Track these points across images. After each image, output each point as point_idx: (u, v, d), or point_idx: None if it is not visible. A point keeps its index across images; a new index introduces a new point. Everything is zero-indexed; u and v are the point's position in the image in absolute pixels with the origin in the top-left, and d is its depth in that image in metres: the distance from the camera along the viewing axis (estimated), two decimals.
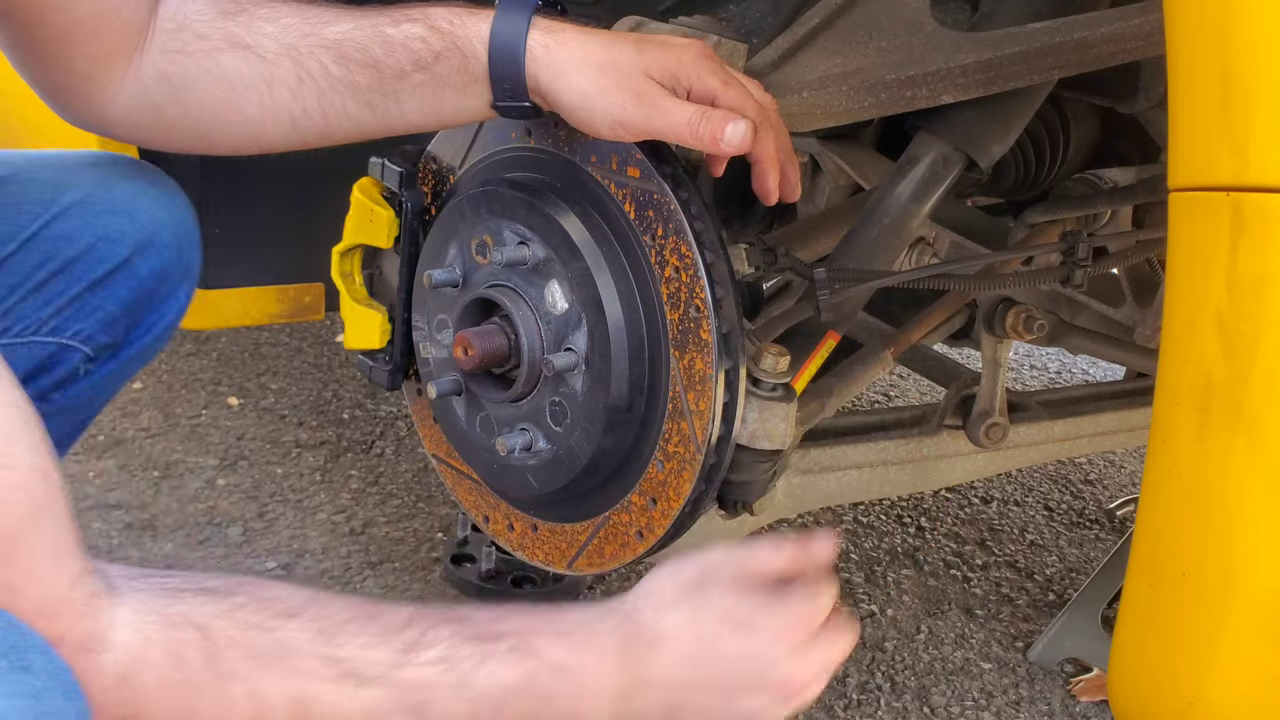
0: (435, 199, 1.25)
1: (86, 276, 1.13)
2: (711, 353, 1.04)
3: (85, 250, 1.12)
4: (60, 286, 1.12)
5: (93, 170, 1.16)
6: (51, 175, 1.15)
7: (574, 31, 0.97)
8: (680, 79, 0.96)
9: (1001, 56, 1.19)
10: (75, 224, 1.12)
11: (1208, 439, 0.86)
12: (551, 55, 0.96)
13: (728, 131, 0.94)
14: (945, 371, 1.67)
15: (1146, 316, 1.54)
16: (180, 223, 1.19)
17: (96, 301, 1.14)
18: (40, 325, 1.12)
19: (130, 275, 1.14)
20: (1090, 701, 1.73)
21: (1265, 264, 0.81)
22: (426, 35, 0.99)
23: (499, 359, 1.12)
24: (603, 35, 0.98)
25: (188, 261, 1.20)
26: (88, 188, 1.13)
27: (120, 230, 1.13)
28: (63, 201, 1.12)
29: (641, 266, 1.07)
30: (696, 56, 0.96)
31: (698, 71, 0.95)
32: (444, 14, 0.99)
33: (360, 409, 2.51)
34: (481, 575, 1.84)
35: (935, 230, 1.49)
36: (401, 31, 0.99)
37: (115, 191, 1.15)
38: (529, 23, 0.97)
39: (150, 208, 1.16)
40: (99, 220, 1.12)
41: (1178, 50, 0.84)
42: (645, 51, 0.95)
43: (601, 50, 0.95)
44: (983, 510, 2.31)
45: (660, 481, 1.10)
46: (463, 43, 0.98)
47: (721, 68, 0.99)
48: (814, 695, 0.91)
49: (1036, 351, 3.22)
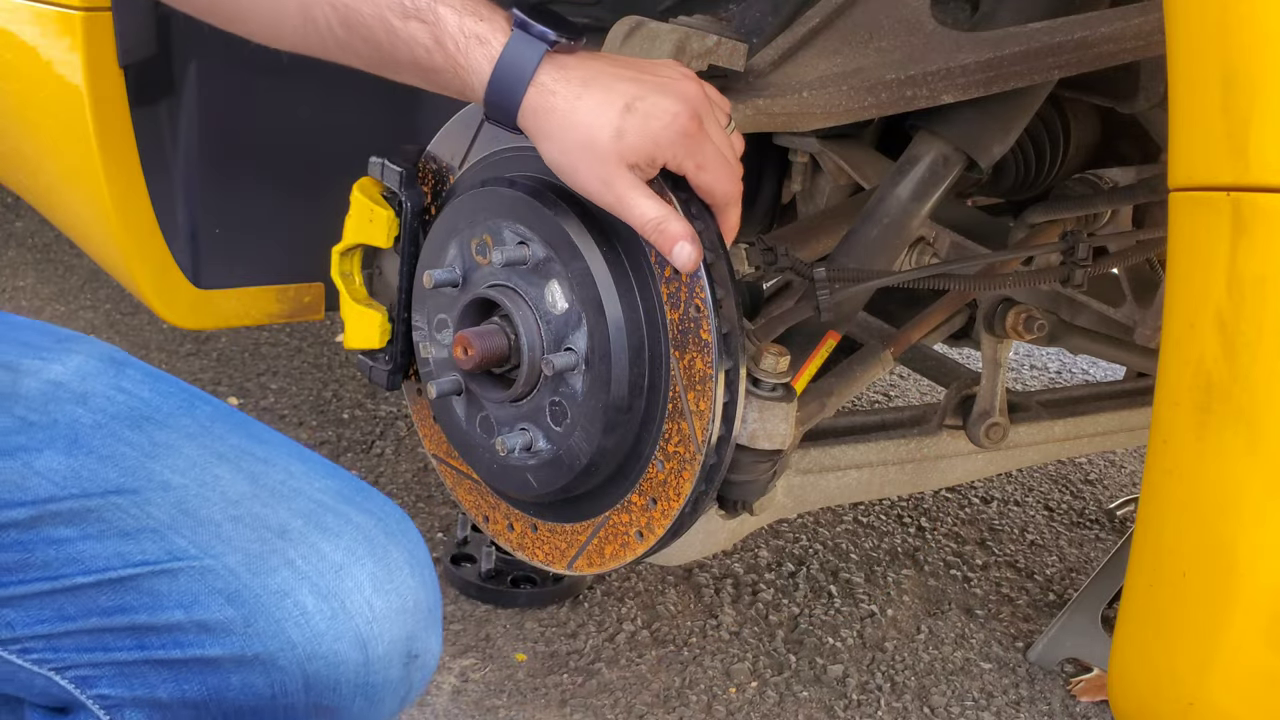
0: (435, 198, 1.25)
1: (150, 648, 0.86)
2: (711, 353, 1.04)
3: (168, 625, 0.85)
4: (112, 641, 0.86)
5: (264, 539, 0.86)
6: (216, 522, 0.87)
7: (566, 96, 0.96)
8: (656, 160, 0.97)
9: (1001, 56, 1.19)
10: (175, 590, 0.85)
11: (1208, 439, 0.86)
12: (539, 121, 0.97)
13: (674, 252, 0.98)
14: (945, 371, 1.67)
15: (1146, 316, 1.54)
16: (328, 659, 0.85)
17: (147, 677, 0.86)
18: (67, 668, 0.86)
19: (211, 677, 0.86)
20: (1090, 701, 1.73)
21: (1265, 264, 0.81)
22: (430, 47, 0.97)
23: (499, 359, 1.12)
24: (593, 97, 0.96)
25: (325, 703, 0.86)
26: (232, 558, 0.85)
27: (225, 625, 0.84)
28: (184, 557, 0.85)
29: (641, 266, 1.07)
30: (674, 137, 0.96)
31: (674, 153, 0.97)
32: (453, 28, 0.97)
33: (360, 409, 2.51)
34: (481, 575, 1.84)
35: (935, 230, 1.49)
36: (407, 30, 0.97)
37: (260, 578, 0.85)
38: (529, 79, 0.96)
39: (288, 620, 0.84)
40: (207, 602, 0.84)
41: (1178, 50, 0.84)
42: (625, 137, 0.95)
43: (584, 126, 0.96)
44: (983, 510, 2.31)
45: (660, 481, 1.10)
46: (464, 74, 0.97)
47: (698, 145, 0.98)
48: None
49: (1036, 351, 3.22)
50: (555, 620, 1.80)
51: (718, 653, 1.76)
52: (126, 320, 2.89)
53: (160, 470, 0.87)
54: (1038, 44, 1.18)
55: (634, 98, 0.96)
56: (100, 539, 0.85)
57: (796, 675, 1.74)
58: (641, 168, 0.97)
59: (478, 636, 1.75)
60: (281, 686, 0.85)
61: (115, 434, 0.87)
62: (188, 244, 1.72)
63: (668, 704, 1.64)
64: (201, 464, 0.88)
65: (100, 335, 2.80)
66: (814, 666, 1.76)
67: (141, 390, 0.91)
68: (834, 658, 1.78)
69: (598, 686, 1.66)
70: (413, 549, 0.90)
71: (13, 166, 2.11)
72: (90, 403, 0.89)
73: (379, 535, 0.88)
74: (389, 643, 0.86)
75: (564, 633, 1.77)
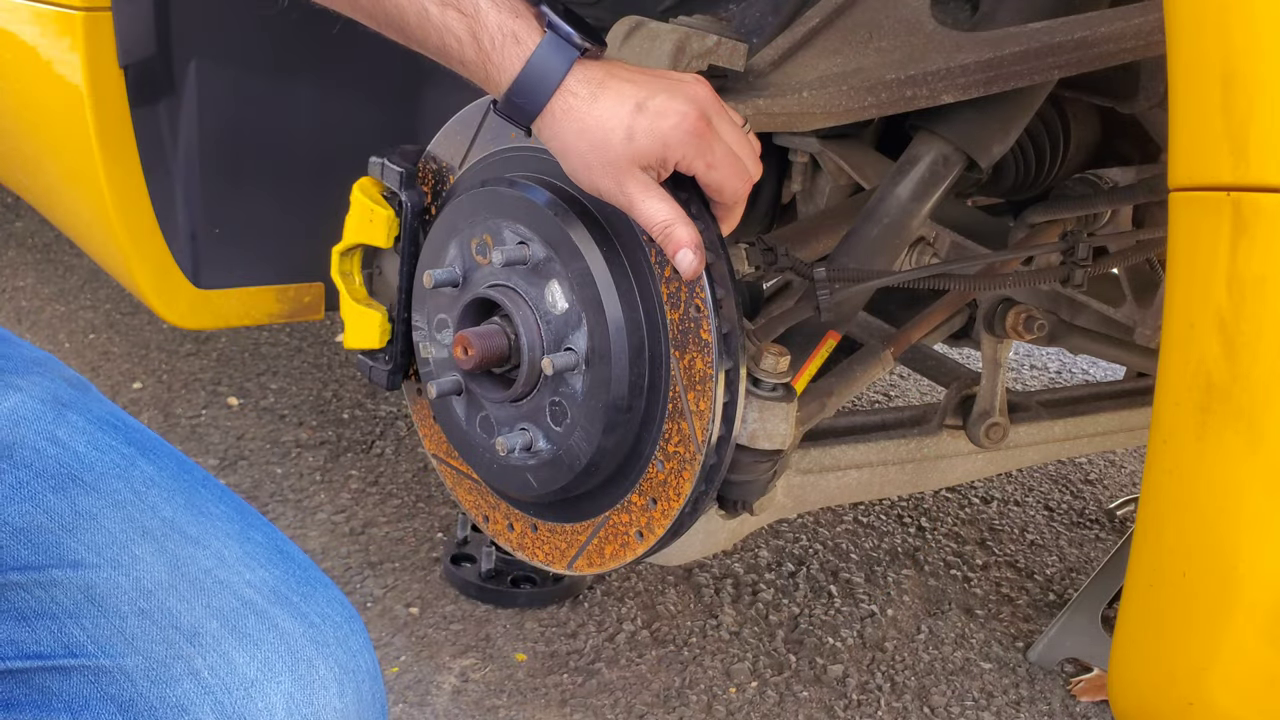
0: (435, 198, 1.25)
1: None
2: (712, 353, 1.04)
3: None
4: None
5: (162, 639, 0.79)
6: (101, 621, 0.79)
7: (583, 98, 0.97)
8: (668, 161, 0.98)
9: (1002, 56, 1.19)
10: (65, 690, 0.78)
11: (1208, 439, 0.86)
12: (556, 123, 0.98)
13: (678, 258, 0.99)
14: (945, 371, 1.67)
15: (1147, 316, 1.54)
16: None
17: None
18: None
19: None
20: (1090, 701, 1.73)
21: (1265, 264, 0.81)
22: (464, 40, 0.97)
23: (499, 359, 1.12)
24: (608, 99, 0.97)
25: None
26: (129, 659, 0.78)
27: (195, 706, 0.77)
28: (80, 654, 0.78)
29: (641, 266, 1.07)
30: (684, 137, 0.97)
31: (683, 152, 0.97)
32: (491, 24, 0.96)
33: (360, 409, 2.51)
34: (481, 575, 1.84)
35: (935, 230, 1.49)
36: (443, 18, 0.96)
37: (159, 690, 0.78)
38: (557, 85, 0.96)
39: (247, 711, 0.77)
40: (97, 709, 0.78)
41: (1178, 50, 0.84)
42: (635, 139, 0.96)
43: (597, 129, 0.97)
44: (983, 510, 2.31)
45: (660, 481, 1.10)
46: (493, 70, 0.97)
47: (707, 144, 0.98)
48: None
49: (1036, 351, 3.22)
50: (555, 620, 1.80)
51: (718, 653, 1.76)
52: (126, 320, 2.89)
53: (74, 546, 0.79)
54: (1038, 44, 1.18)
55: (644, 99, 0.96)
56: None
57: (796, 675, 1.74)
58: (654, 169, 0.98)
59: (478, 636, 1.75)
60: None
61: (35, 498, 0.80)
62: (188, 244, 1.72)
63: (668, 704, 1.64)
64: (121, 541, 0.79)
65: (100, 335, 2.80)
66: (814, 666, 1.76)
67: (77, 443, 0.83)
68: (834, 658, 1.78)
69: (598, 686, 1.66)
70: (347, 661, 0.80)
71: (13, 166, 2.11)
72: (15, 456, 0.81)
73: (305, 646, 0.78)
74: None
75: (564, 633, 1.77)
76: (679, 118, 0.97)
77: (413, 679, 1.64)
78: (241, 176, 1.75)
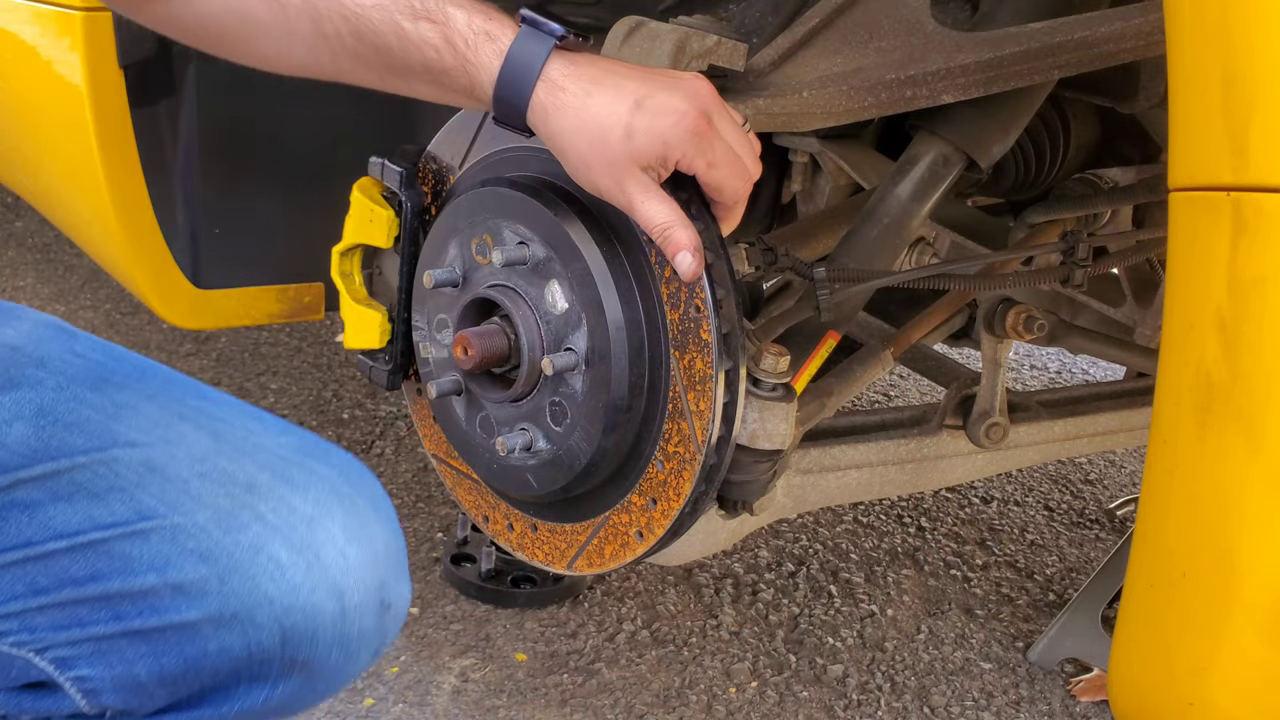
0: (435, 198, 1.25)
1: (127, 618, 0.84)
2: (711, 353, 1.04)
3: (142, 591, 0.84)
4: (87, 614, 0.85)
5: (233, 494, 0.86)
6: (185, 481, 0.86)
7: (576, 93, 0.96)
8: (668, 160, 0.97)
9: (1002, 56, 1.19)
10: (146, 552, 0.84)
11: (1208, 439, 0.86)
12: (550, 118, 0.97)
13: (677, 260, 0.98)
14: (945, 371, 1.67)
15: (1147, 316, 1.54)
16: (306, 611, 0.85)
17: (125, 652, 0.85)
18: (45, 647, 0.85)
19: (188, 644, 0.85)
20: (1090, 701, 1.73)
21: (1265, 264, 0.81)
22: (440, 47, 0.97)
23: (499, 359, 1.12)
24: (603, 95, 0.96)
25: (301, 657, 0.86)
26: (203, 516, 0.85)
27: (200, 586, 0.83)
28: (153, 516, 0.84)
29: (641, 266, 1.07)
30: (683, 136, 0.96)
31: (684, 151, 0.97)
32: (462, 27, 0.97)
33: (360, 409, 2.51)
34: (481, 575, 1.84)
35: (935, 230, 1.49)
36: (418, 31, 0.97)
37: (232, 534, 0.84)
38: (539, 73, 0.96)
39: (263, 575, 0.84)
40: (180, 562, 0.84)
41: (1178, 50, 0.84)
42: (634, 137, 0.95)
43: (594, 125, 0.96)
44: (983, 510, 2.31)
45: (660, 481, 1.10)
46: (474, 71, 0.97)
47: (708, 143, 0.98)
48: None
49: (1036, 351, 3.22)
50: (555, 620, 1.80)
51: (718, 653, 1.76)
52: (126, 320, 2.89)
53: (124, 430, 0.87)
54: (1038, 44, 1.18)
55: (643, 95, 0.96)
56: (70, 501, 0.84)
57: (796, 675, 1.74)
58: (654, 168, 0.97)
59: (478, 636, 1.75)
60: (258, 645, 0.84)
61: (78, 396, 0.88)
62: (188, 244, 1.72)
63: (668, 704, 1.64)
64: (164, 423, 0.88)
65: (100, 335, 2.79)
66: (814, 666, 1.76)
67: (95, 354, 0.92)
68: (834, 658, 1.78)
69: (598, 686, 1.66)
70: (377, 499, 0.91)
71: (13, 166, 2.11)
72: (49, 365, 0.90)
73: (344, 486, 0.89)
74: (364, 592, 0.87)
75: (564, 633, 1.77)
76: (679, 116, 0.96)
77: (412, 679, 1.64)
78: (241, 176, 1.75)
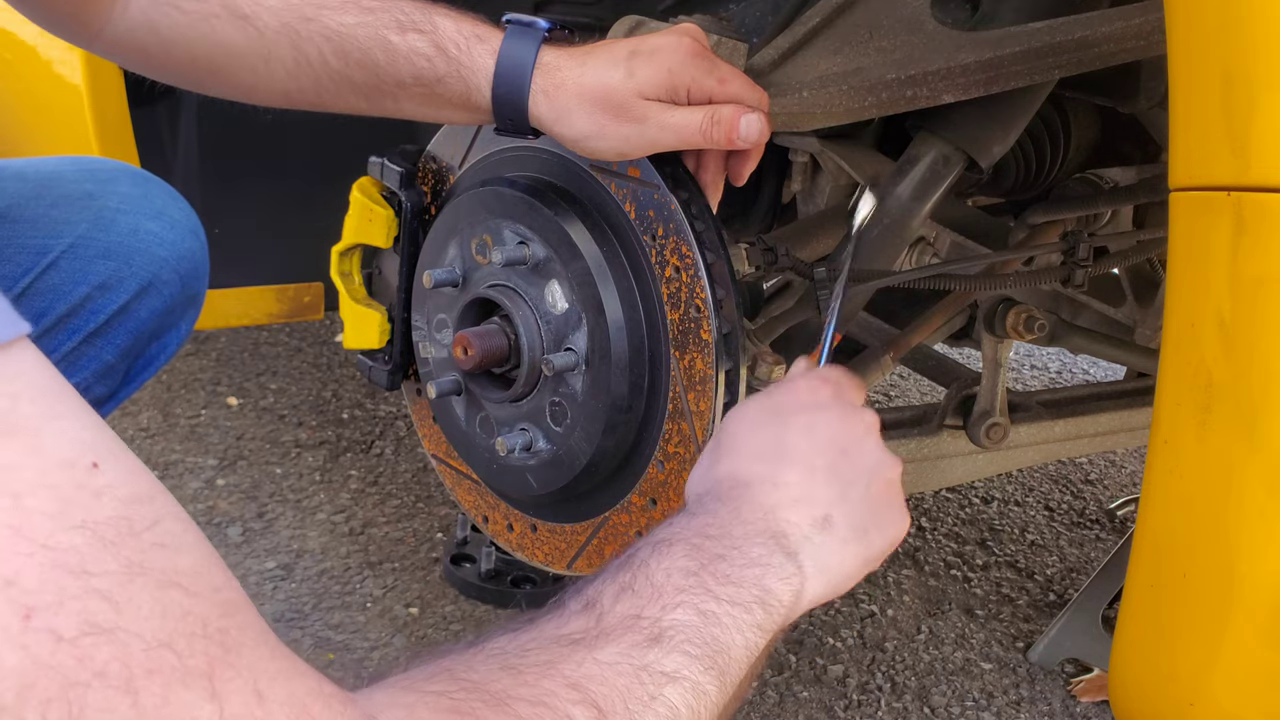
0: (435, 198, 1.25)
1: (82, 329, 1.06)
2: (712, 353, 1.04)
3: (80, 303, 1.06)
4: (54, 343, 1.05)
5: (87, 203, 1.10)
6: (44, 212, 1.08)
7: (571, 68, 0.96)
8: (677, 88, 0.96)
9: (1002, 56, 1.18)
10: (67, 274, 1.06)
11: (1208, 439, 0.86)
12: (552, 100, 0.96)
13: (742, 126, 0.95)
14: (945, 371, 1.67)
15: (1147, 316, 1.54)
16: (184, 256, 1.14)
17: (93, 353, 1.08)
18: None
19: (128, 321, 1.09)
20: (1091, 702, 1.73)
21: (1265, 264, 0.81)
22: (432, 55, 0.97)
23: (499, 359, 1.12)
24: (597, 60, 0.96)
25: (193, 291, 1.15)
26: (81, 227, 1.07)
27: (117, 276, 1.08)
28: (55, 248, 1.06)
29: (642, 266, 1.07)
30: (684, 59, 0.95)
31: (690, 74, 0.96)
32: (451, 33, 0.97)
33: (360, 409, 2.51)
34: (481, 575, 1.84)
35: (936, 230, 1.49)
36: (406, 42, 0.97)
37: (112, 230, 1.09)
38: (534, 64, 0.96)
39: (151, 246, 1.10)
40: (93, 267, 1.07)
41: (1178, 50, 0.84)
42: (636, 74, 0.95)
43: (596, 83, 0.95)
44: (983, 510, 2.31)
45: (660, 482, 1.10)
46: (468, 74, 0.97)
47: (711, 63, 0.98)
48: None
49: (1037, 351, 3.22)
50: None
51: None
52: None
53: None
54: (1038, 44, 1.18)
55: (635, 46, 0.96)
56: None
57: (796, 675, 1.73)
58: (664, 101, 0.96)
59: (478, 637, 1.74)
60: (170, 295, 1.10)
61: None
62: None
63: None
64: None
65: None
66: (814, 666, 1.76)
67: None
68: (834, 658, 1.78)
69: None
70: (143, 171, 1.18)
71: None
72: None
73: (128, 170, 1.13)
74: (199, 227, 1.14)
75: None
76: (674, 47, 0.96)
77: None
78: (242, 176, 1.75)
